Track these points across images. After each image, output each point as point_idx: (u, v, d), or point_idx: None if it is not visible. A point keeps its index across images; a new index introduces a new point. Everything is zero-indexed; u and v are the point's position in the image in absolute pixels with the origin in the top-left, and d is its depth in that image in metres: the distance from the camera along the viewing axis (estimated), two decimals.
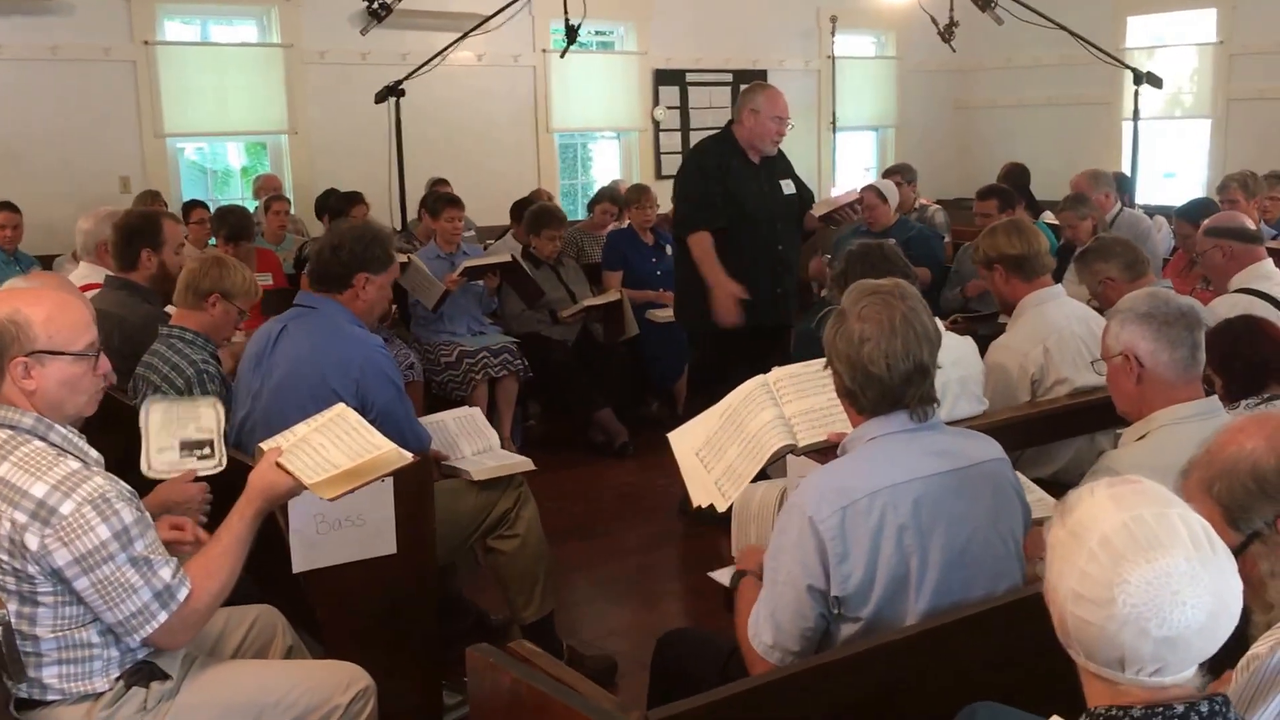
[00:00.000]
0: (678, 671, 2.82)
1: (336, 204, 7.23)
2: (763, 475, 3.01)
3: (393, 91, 7.13)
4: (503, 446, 4.24)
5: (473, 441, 3.96)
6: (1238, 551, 1.79)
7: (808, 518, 2.31)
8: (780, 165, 5.45)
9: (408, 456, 2.79)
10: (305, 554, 3.17)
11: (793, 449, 2.82)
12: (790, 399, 2.87)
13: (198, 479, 3.07)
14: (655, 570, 5.24)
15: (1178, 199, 9.70)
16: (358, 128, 8.64)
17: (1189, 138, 11.17)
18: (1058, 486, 3.68)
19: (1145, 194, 9.12)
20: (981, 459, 2.47)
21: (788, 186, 5.39)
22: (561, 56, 7.94)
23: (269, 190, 8.34)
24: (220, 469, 3.23)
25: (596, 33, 10.58)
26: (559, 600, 4.17)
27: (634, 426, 6.88)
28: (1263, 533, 1.81)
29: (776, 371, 2.93)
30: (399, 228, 7.61)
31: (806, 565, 2.32)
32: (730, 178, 5.22)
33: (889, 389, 2.39)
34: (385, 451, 2.71)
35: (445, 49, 7.48)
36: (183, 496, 2.95)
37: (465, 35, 7.49)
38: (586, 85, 10.23)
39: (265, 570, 3.09)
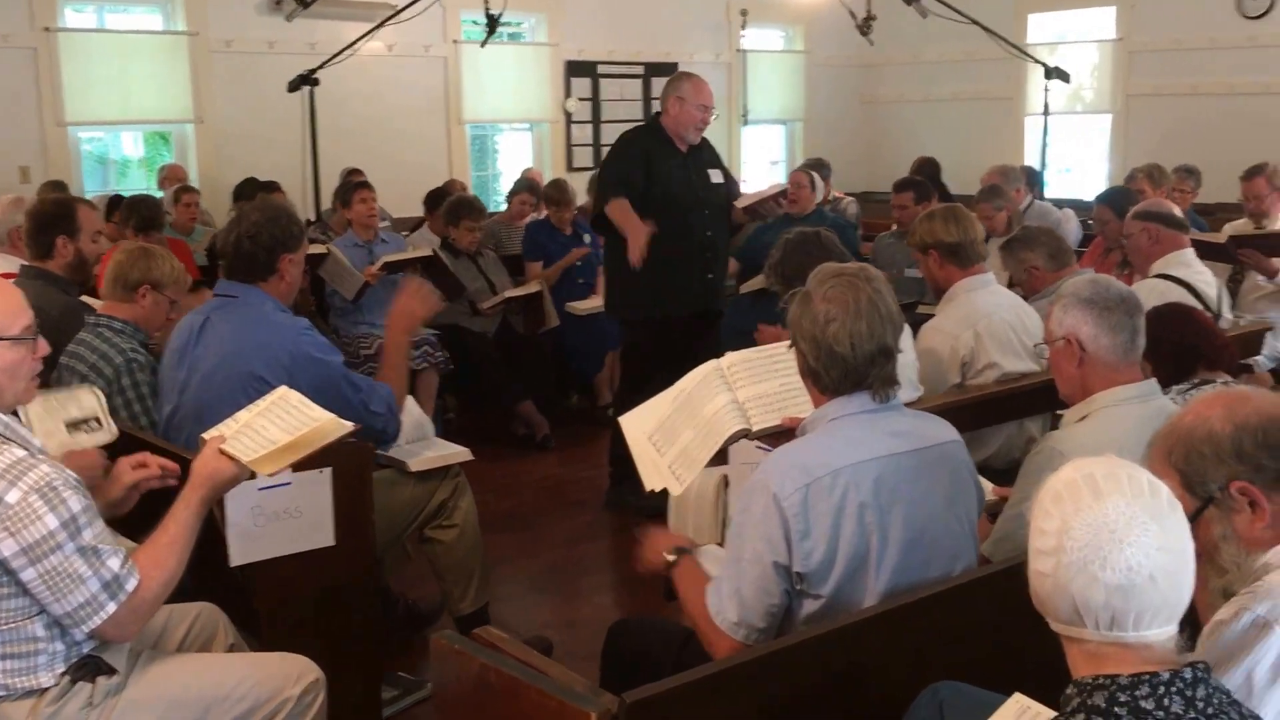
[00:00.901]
0: (631, 658, 2.81)
1: (254, 193, 7.06)
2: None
3: (306, 80, 7.01)
4: None
5: (407, 431, 3.90)
6: (1194, 517, 1.86)
7: (772, 494, 2.33)
8: (708, 155, 5.48)
9: (347, 426, 2.76)
10: (242, 547, 3.10)
11: (747, 433, 2.83)
12: (743, 384, 2.88)
13: None
14: (584, 562, 5.23)
15: (1077, 193, 10.00)
16: (266, 117, 8.49)
17: (1085, 133, 11.46)
18: (989, 472, 3.75)
19: (1050, 189, 9.34)
20: (939, 440, 2.51)
21: (716, 176, 5.42)
22: (482, 45, 7.89)
23: (175, 180, 8.14)
24: (113, 438, 3.14)
25: (504, 23, 10.49)
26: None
27: (555, 419, 6.86)
28: (1216, 497, 1.86)
29: (730, 356, 2.94)
30: (313, 218, 7.49)
31: (771, 541, 2.33)
32: (655, 165, 5.22)
33: (852, 369, 2.41)
34: (323, 422, 2.70)
35: (358, 39, 7.37)
36: (84, 466, 2.85)
37: (380, 25, 7.39)
38: (498, 76, 10.16)
39: (202, 566, 3.01)
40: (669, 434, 2.92)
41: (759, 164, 12.24)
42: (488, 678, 2.12)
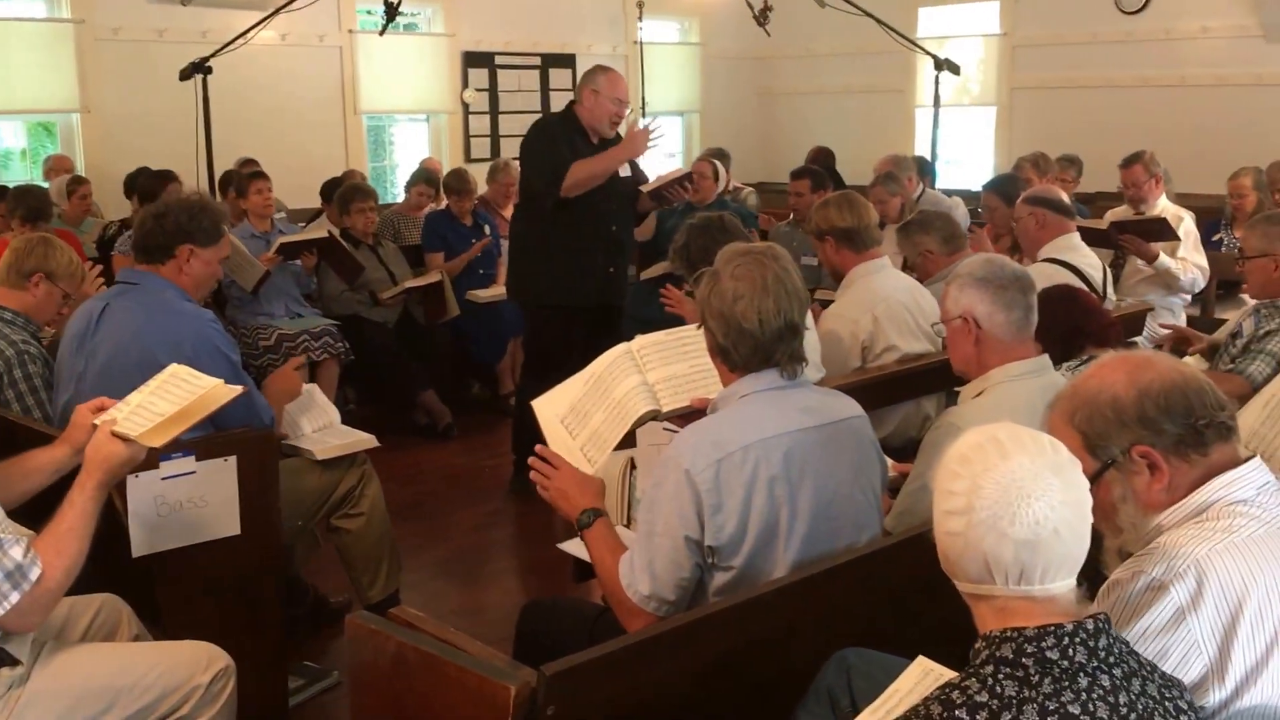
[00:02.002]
0: (544, 636, 2.83)
1: (146, 183, 6.90)
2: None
3: (199, 68, 6.85)
4: None
5: (313, 419, 3.88)
6: (1094, 478, 1.92)
7: (684, 470, 2.37)
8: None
9: (235, 390, 2.73)
10: (145, 537, 3.06)
11: (657, 414, 2.87)
12: (653, 366, 2.92)
13: None
14: (490, 549, 5.23)
15: (965, 183, 10.24)
16: (156, 107, 8.30)
17: (972, 125, 11.70)
18: (887, 450, 3.79)
19: (943, 178, 9.51)
20: (846, 416, 2.58)
21: (624, 169, 5.44)
22: (381, 33, 7.79)
23: (62, 171, 7.93)
24: None
25: (400, 13, 10.37)
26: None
27: (457, 408, 6.85)
28: (1118, 459, 1.93)
29: (640, 339, 2.98)
30: None
31: (683, 516, 2.38)
32: (575, 155, 5.23)
33: (761, 345, 2.46)
34: (211, 388, 2.67)
35: (251, 28, 7.23)
36: None
37: (273, 14, 7.26)
38: (394, 67, 10.05)
39: (103, 557, 2.96)
40: (580, 416, 2.94)
41: (656, 155, 12.27)
42: (405, 656, 2.13)
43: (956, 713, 1.52)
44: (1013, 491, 1.58)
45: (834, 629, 2.37)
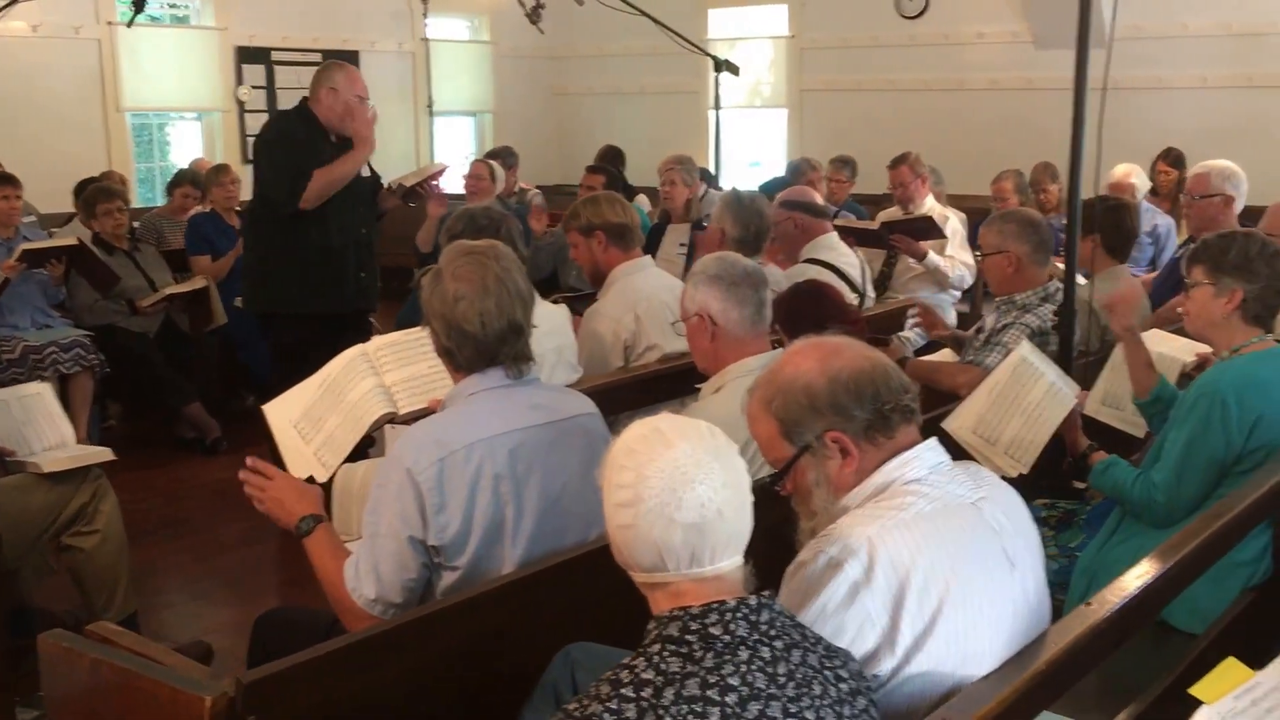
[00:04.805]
0: (278, 648, 2.73)
1: None
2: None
3: None
4: None
5: (42, 434, 3.66)
6: (790, 463, 2.00)
7: (405, 469, 2.33)
8: None
9: None
10: None
11: (394, 417, 2.82)
12: (390, 368, 2.88)
13: None
14: (256, 565, 5.04)
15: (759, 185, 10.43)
16: None
17: (770, 127, 11.94)
18: None
19: (731, 182, 9.66)
20: (575, 413, 2.59)
21: (364, 169, 5.32)
22: (129, 25, 7.37)
23: None
24: None
25: (170, 5, 9.98)
26: (148, 601, 3.97)
27: (228, 420, 6.57)
28: (812, 445, 1.99)
29: (376, 340, 2.94)
30: None
31: (406, 516, 2.34)
32: (318, 157, 5.08)
33: (484, 347, 2.45)
34: None
35: None
36: None
37: (15, 1, 6.84)
38: (161, 62, 9.61)
39: None
40: (314, 421, 2.87)
41: (450, 157, 12.14)
42: (100, 673, 2.02)
43: (623, 690, 1.55)
44: (677, 478, 1.61)
45: (561, 625, 2.35)
